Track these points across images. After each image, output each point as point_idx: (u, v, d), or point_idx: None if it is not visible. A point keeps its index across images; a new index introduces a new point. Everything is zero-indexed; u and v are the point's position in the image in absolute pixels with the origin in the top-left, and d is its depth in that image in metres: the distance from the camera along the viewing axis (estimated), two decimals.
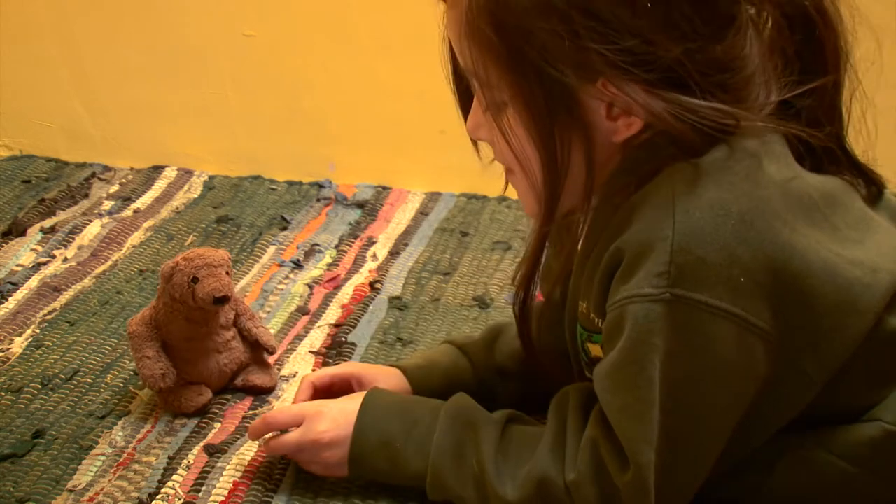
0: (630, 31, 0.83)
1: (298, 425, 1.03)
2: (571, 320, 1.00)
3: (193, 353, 1.18)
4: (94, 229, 1.61)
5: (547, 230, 0.93)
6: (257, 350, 1.23)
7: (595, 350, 0.96)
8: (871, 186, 0.98)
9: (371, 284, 1.46)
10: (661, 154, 0.88)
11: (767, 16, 0.91)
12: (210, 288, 1.13)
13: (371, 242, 1.58)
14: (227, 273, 1.16)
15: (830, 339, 0.88)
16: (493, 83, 0.89)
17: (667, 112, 0.85)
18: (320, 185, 1.75)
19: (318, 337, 1.33)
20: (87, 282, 1.46)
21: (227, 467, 1.08)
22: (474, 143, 1.00)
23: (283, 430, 1.05)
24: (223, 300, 1.14)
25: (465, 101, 0.98)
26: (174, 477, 1.08)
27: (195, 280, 1.14)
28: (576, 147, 0.89)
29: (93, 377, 1.25)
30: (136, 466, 1.10)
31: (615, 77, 0.84)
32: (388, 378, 1.11)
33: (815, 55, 0.91)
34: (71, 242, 1.57)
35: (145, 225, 1.63)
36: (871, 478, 0.93)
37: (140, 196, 1.73)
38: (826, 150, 0.94)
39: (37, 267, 1.51)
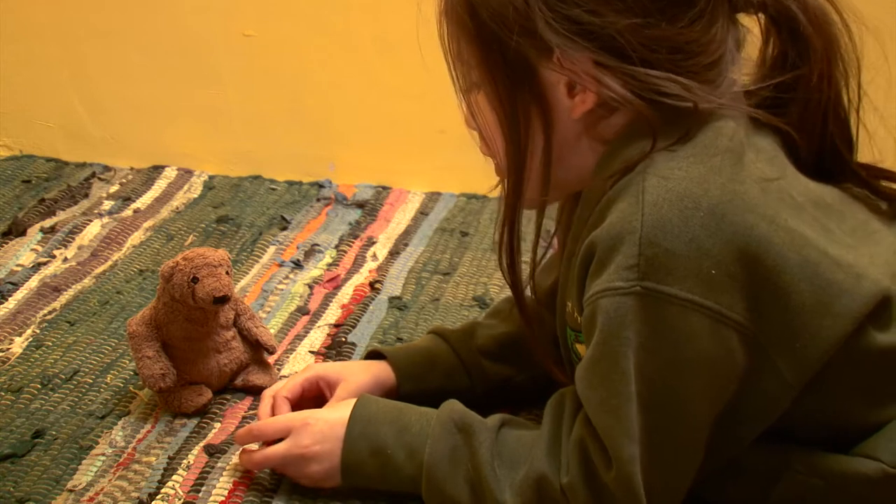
0: (575, 0, 0.86)
1: (284, 437, 1.03)
2: (562, 323, 1.00)
3: (193, 353, 1.18)
4: (94, 229, 1.61)
5: (515, 206, 0.95)
6: (257, 350, 1.23)
7: (583, 350, 0.96)
8: (890, 201, 0.98)
9: (371, 284, 1.46)
10: (636, 148, 0.88)
11: (753, 11, 0.92)
12: (210, 288, 1.13)
13: (371, 242, 1.58)
14: (227, 273, 1.16)
15: (804, 339, 0.88)
16: (465, 60, 0.93)
17: (615, 82, 0.87)
18: (320, 185, 1.75)
19: (318, 337, 1.33)
20: (87, 282, 1.46)
21: (227, 467, 1.08)
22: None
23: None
24: (223, 300, 1.14)
25: None
26: (174, 477, 1.08)
27: (195, 280, 1.14)
28: (536, 125, 0.91)
29: (93, 377, 1.25)
30: (136, 466, 1.10)
31: (564, 47, 0.87)
32: (355, 373, 1.11)
33: (801, 52, 0.92)
34: (71, 242, 1.57)
35: (145, 225, 1.63)
36: None
37: (140, 196, 1.73)
38: (832, 160, 0.94)
39: (37, 267, 1.51)
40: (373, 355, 1.16)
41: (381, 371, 1.12)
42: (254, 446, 1.06)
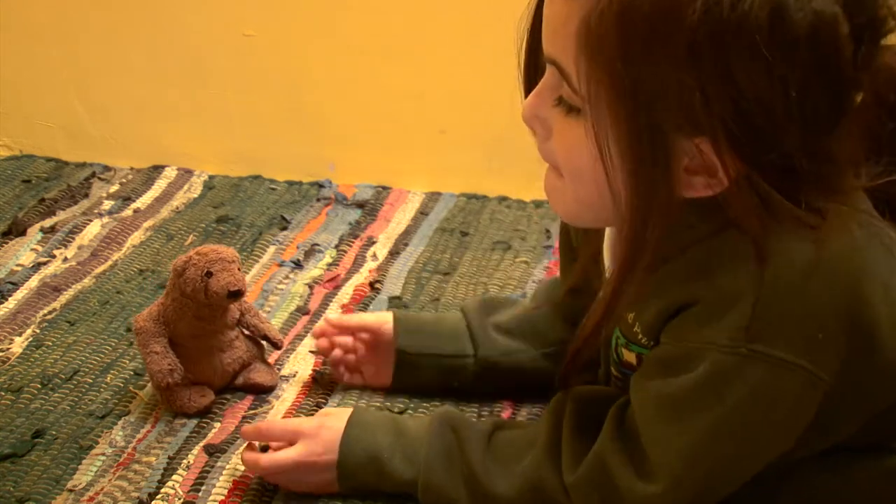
0: (764, 107, 0.77)
1: (292, 441, 1.03)
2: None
3: (198, 352, 1.18)
4: (94, 229, 1.61)
5: (630, 280, 0.86)
6: (260, 348, 1.23)
7: (628, 356, 0.96)
8: None
9: (371, 284, 1.46)
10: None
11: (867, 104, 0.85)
12: (224, 282, 1.13)
13: (371, 242, 1.58)
14: (239, 269, 1.15)
15: (881, 383, 0.87)
16: (582, 93, 0.81)
17: (746, 196, 0.81)
18: (320, 185, 1.75)
19: None
20: (87, 282, 1.46)
21: (227, 467, 1.08)
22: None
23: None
24: (237, 294, 1.14)
25: (531, 82, 0.90)
26: (174, 477, 1.08)
27: (209, 274, 1.13)
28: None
29: (93, 377, 1.25)
30: (136, 466, 1.10)
31: (725, 144, 0.79)
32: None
33: None
34: (71, 242, 1.57)
35: (145, 225, 1.63)
36: None
37: (140, 196, 1.73)
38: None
39: (37, 267, 1.51)
40: None
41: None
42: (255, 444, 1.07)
